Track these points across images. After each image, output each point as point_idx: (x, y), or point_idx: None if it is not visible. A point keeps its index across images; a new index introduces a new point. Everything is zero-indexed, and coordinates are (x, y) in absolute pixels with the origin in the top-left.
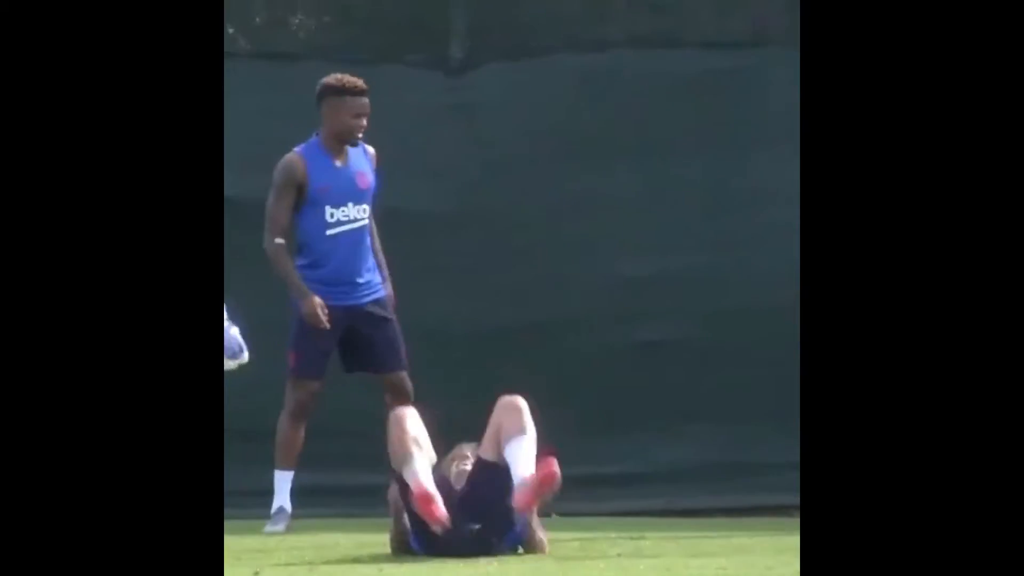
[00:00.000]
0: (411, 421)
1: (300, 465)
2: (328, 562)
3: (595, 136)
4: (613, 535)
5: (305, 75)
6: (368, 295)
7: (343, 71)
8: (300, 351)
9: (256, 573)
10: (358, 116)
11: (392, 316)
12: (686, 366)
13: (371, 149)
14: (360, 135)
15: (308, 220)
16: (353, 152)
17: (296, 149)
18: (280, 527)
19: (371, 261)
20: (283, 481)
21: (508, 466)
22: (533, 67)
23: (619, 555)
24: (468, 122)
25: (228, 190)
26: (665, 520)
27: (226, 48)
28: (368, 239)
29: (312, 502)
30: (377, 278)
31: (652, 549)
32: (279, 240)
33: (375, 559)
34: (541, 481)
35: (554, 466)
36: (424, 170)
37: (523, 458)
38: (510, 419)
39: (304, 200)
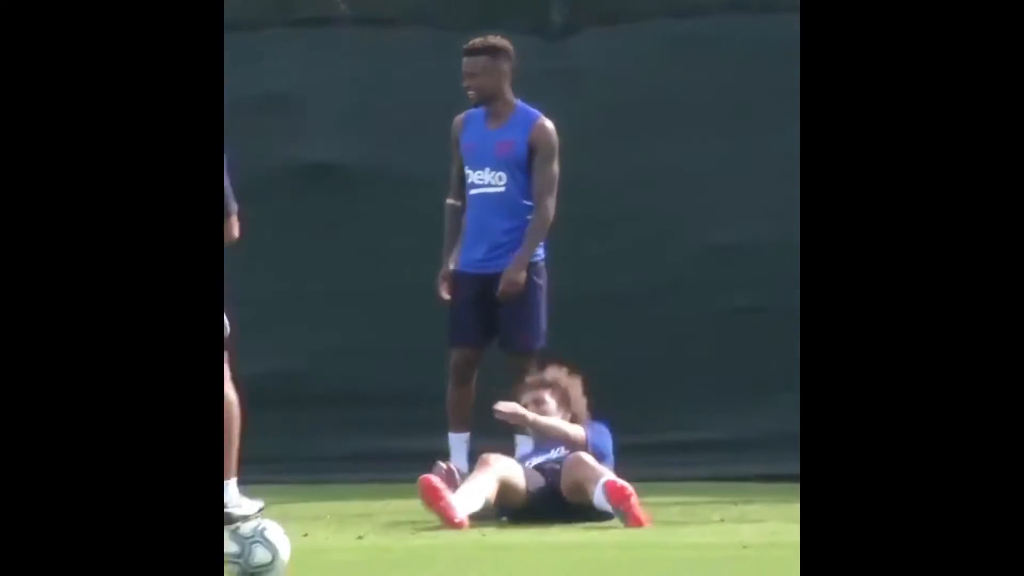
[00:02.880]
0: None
1: (407, 429)
2: (430, 527)
3: (693, 101)
4: (715, 500)
5: (405, 41)
6: (497, 266)
7: (442, 37)
8: (449, 318)
9: (360, 537)
10: (465, 76)
11: (527, 291)
12: (783, 332)
13: (544, 123)
14: (470, 95)
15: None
16: (514, 119)
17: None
18: None
19: (510, 231)
20: (456, 443)
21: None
22: (632, 32)
23: (722, 520)
24: (567, 87)
25: (328, 156)
26: (767, 485)
27: (327, 14)
28: (508, 208)
29: (417, 467)
30: (517, 250)
31: (755, 514)
32: (448, 200)
33: (477, 524)
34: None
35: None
36: None
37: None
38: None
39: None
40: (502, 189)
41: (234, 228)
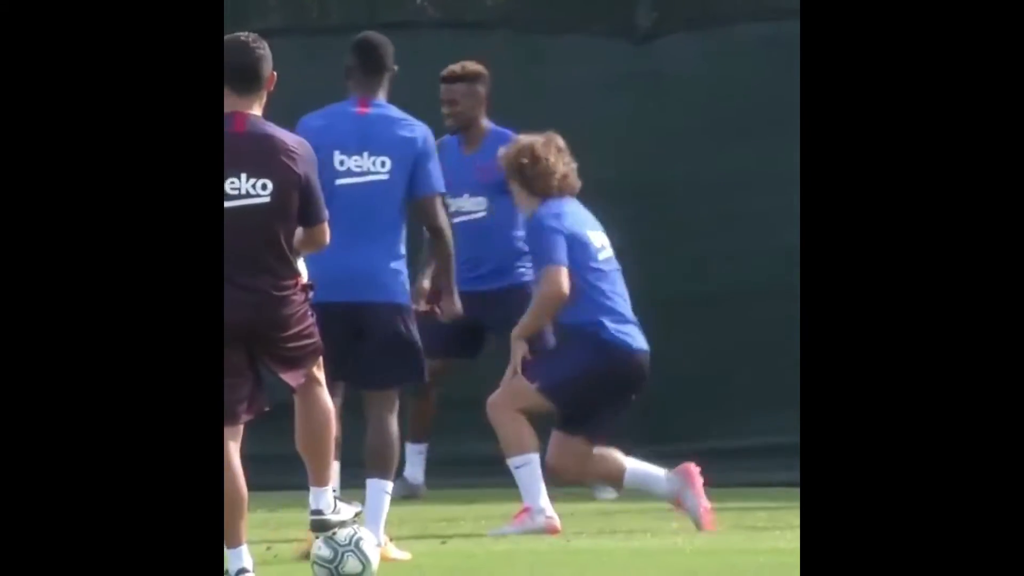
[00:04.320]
0: None
1: (488, 434)
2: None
3: (778, 104)
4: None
5: (492, 45)
6: (489, 284)
7: (527, 41)
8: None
9: (443, 542)
10: (444, 103)
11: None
12: None
13: None
14: (449, 123)
15: None
16: (488, 143)
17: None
18: None
19: (499, 253)
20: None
21: None
22: (717, 35)
23: None
24: (652, 90)
25: None
26: None
27: (414, 17)
28: (491, 234)
29: (496, 471)
30: (510, 273)
31: None
32: None
33: (562, 531)
34: None
35: None
36: (607, 139)
37: None
38: None
39: None
40: (483, 214)
41: (325, 234)
